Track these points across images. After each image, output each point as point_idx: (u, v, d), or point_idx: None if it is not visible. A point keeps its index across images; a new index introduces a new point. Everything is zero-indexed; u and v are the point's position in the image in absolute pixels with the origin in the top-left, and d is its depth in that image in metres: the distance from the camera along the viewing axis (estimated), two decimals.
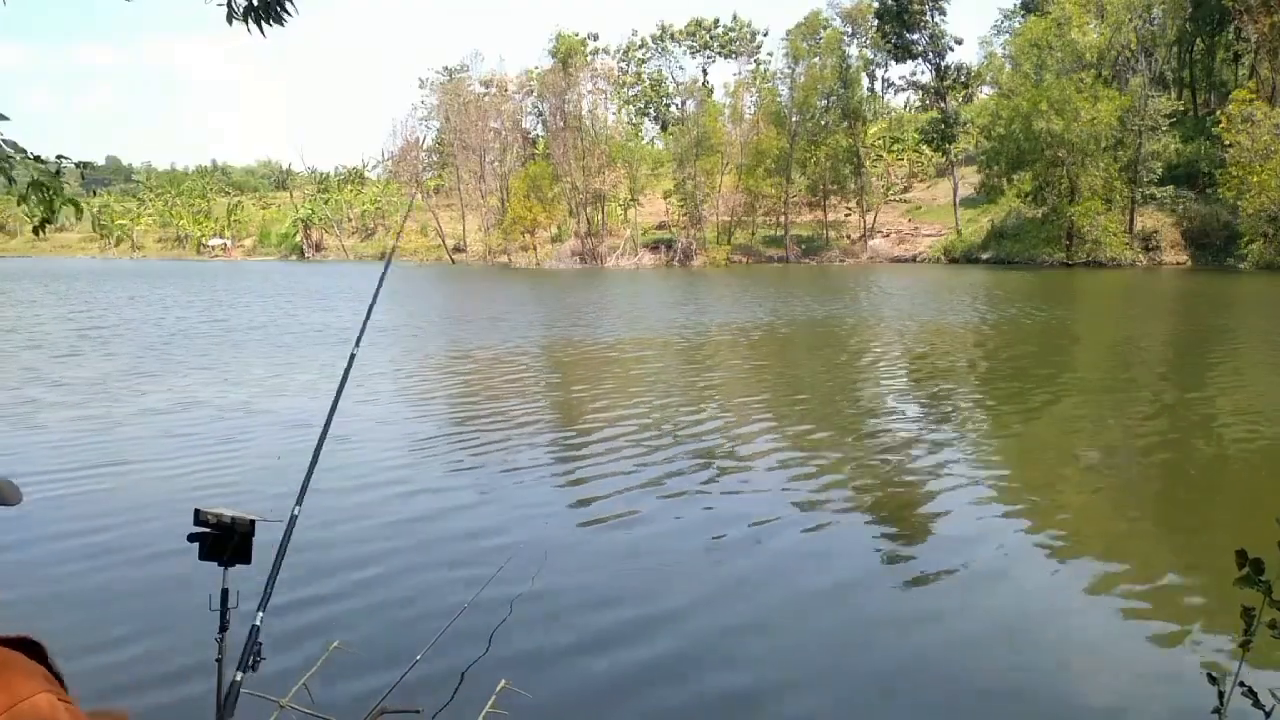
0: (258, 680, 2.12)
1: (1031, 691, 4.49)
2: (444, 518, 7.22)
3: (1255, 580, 1.36)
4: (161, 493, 7.82)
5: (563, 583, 5.76)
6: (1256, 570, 1.38)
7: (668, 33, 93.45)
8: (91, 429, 10.47)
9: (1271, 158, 43.07)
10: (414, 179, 78.80)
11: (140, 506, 7.40)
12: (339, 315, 26.23)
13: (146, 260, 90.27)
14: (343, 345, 18.23)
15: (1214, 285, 35.54)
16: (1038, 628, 5.21)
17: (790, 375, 15.51)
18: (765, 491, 7.89)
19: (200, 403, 12.13)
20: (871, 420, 11.44)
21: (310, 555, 6.24)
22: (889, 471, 8.67)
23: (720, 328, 22.46)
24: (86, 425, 10.66)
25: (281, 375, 14.66)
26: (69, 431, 10.30)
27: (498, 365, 16.31)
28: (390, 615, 5.34)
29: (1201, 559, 6.27)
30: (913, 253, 61.60)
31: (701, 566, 6.15)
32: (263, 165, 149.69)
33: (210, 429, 10.45)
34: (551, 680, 4.51)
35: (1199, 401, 12.19)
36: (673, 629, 5.17)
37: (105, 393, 12.89)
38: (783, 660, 4.83)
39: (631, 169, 69.49)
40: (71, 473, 8.43)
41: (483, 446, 9.80)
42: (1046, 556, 6.33)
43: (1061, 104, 49.70)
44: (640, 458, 9.05)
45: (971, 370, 15.62)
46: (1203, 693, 1.75)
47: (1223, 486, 8.32)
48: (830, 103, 63.60)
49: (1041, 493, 8.01)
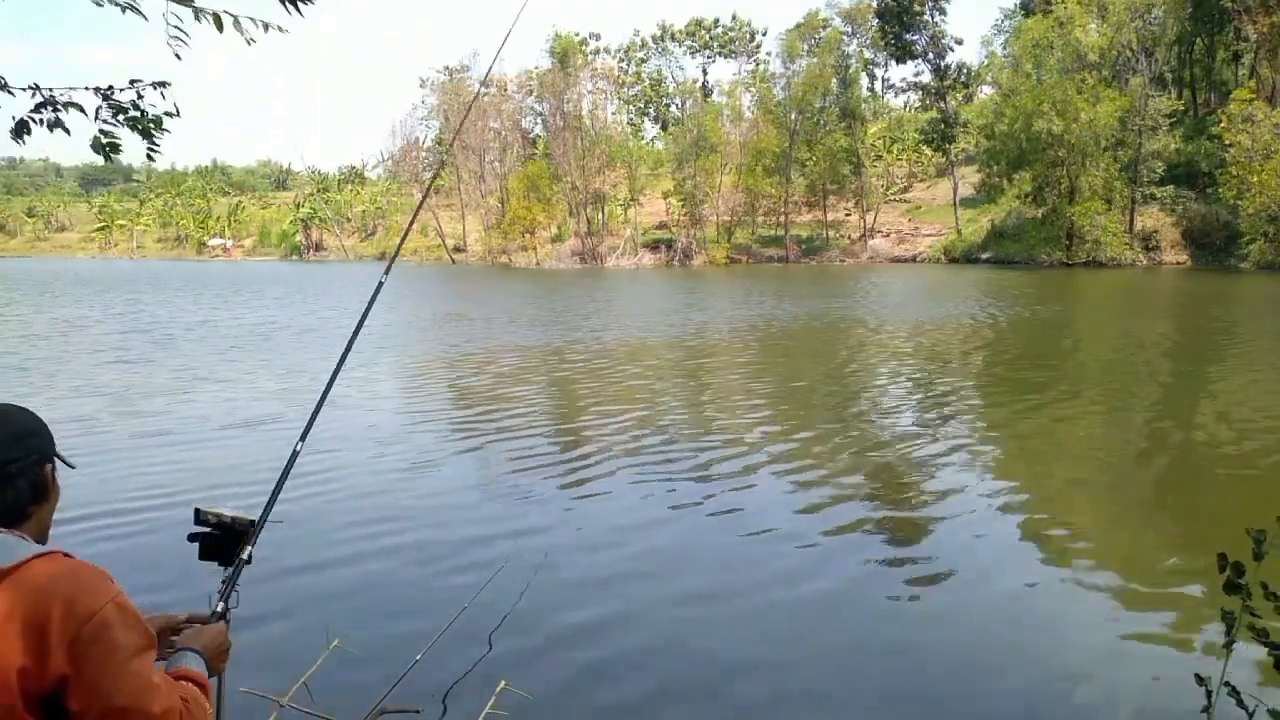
0: (258, 680, 2.13)
1: (1024, 692, 4.51)
2: (444, 518, 7.24)
3: (1235, 585, 1.38)
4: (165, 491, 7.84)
5: (563, 583, 5.78)
6: (1236, 573, 1.40)
7: (668, 33, 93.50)
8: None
9: (1271, 158, 43.04)
10: (414, 178, 78.83)
11: (142, 505, 7.42)
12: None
13: (147, 261, 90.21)
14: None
15: (1214, 285, 35.54)
16: (1031, 628, 5.23)
17: (791, 375, 15.52)
18: (766, 492, 7.91)
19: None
20: (871, 421, 11.45)
21: (310, 555, 6.27)
22: (888, 472, 8.69)
23: (720, 327, 22.48)
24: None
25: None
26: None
27: (498, 365, 16.33)
28: (390, 615, 5.36)
29: (1198, 560, 6.28)
30: (913, 253, 61.58)
31: (702, 568, 6.17)
32: (263, 165, 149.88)
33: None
34: (551, 680, 4.54)
35: (1199, 401, 12.21)
36: (673, 630, 5.19)
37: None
38: (783, 660, 4.85)
39: (631, 169, 69.49)
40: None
41: (483, 447, 9.82)
42: (1041, 557, 6.35)
43: (1063, 104, 49.68)
44: (640, 458, 9.07)
45: (972, 370, 15.63)
46: (1194, 693, 1.78)
47: (1223, 487, 8.33)
48: (828, 102, 63.57)
49: (1039, 493, 8.03)
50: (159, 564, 6.01)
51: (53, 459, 1.70)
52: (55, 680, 1.43)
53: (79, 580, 1.51)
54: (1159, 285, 37.29)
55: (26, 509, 1.61)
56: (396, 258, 3.23)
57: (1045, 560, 6.30)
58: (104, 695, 1.44)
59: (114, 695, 1.44)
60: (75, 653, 1.43)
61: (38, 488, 1.64)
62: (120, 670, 1.46)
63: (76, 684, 1.44)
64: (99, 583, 1.52)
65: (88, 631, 1.44)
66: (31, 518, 1.63)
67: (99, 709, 1.44)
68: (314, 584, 5.65)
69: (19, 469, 1.59)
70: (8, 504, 1.58)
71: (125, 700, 1.45)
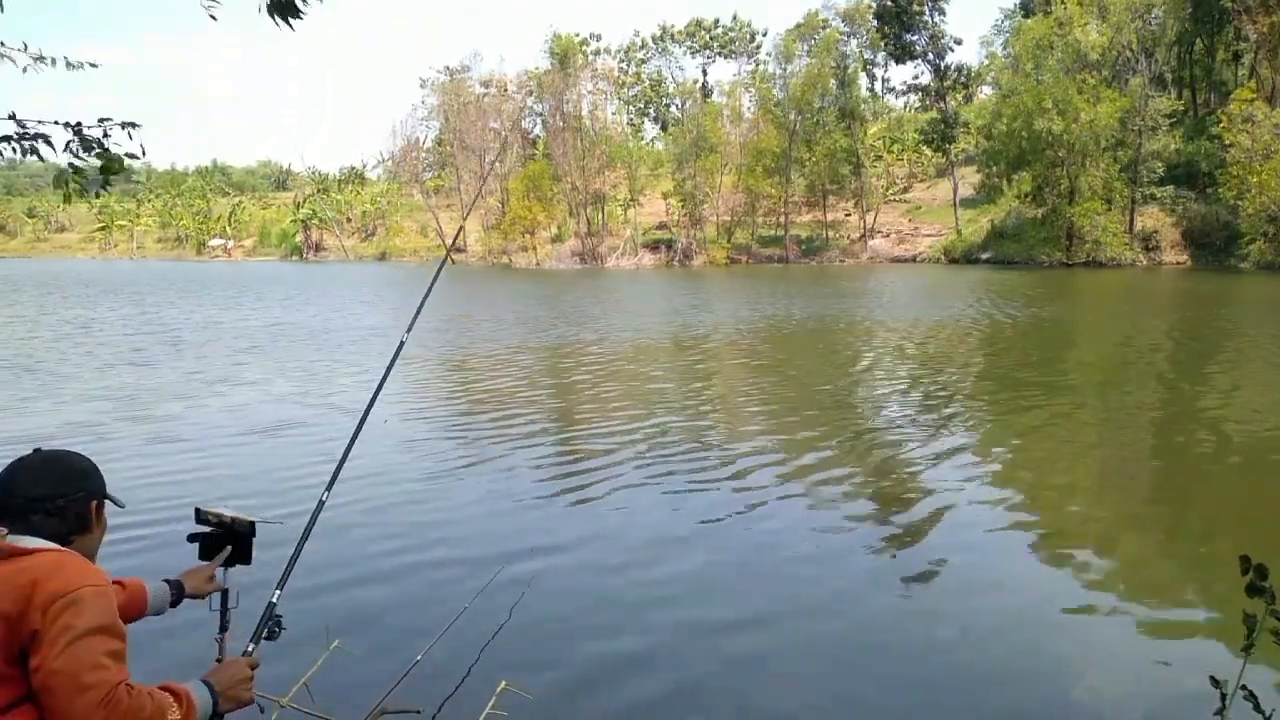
0: (258, 681, 2.12)
1: (1033, 694, 4.48)
2: (444, 518, 7.22)
3: (1259, 588, 1.35)
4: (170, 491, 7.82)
5: (563, 584, 5.76)
6: (1260, 576, 1.37)
7: (668, 33, 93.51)
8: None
9: (1271, 158, 43.04)
10: (414, 179, 78.79)
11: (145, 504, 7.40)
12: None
13: (147, 261, 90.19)
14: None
15: (1214, 285, 35.53)
16: (1039, 629, 5.21)
17: (791, 374, 15.50)
18: (767, 492, 7.89)
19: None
20: (871, 421, 11.43)
21: (311, 555, 6.24)
22: (889, 473, 8.67)
23: (721, 327, 22.46)
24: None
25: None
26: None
27: (499, 365, 16.31)
28: (390, 615, 5.34)
29: (1205, 560, 6.27)
30: (913, 253, 61.57)
31: (703, 568, 6.15)
32: (263, 165, 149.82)
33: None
34: (551, 681, 4.51)
35: (1201, 401, 12.19)
36: (673, 630, 5.17)
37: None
38: (783, 661, 4.82)
39: (631, 169, 69.48)
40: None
41: (483, 447, 9.80)
42: (1047, 558, 6.33)
43: (1063, 104, 49.67)
44: (641, 458, 9.05)
45: (972, 370, 15.61)
46: (1207, 695, 1.75)
47: (1227, 487, 8.31)
48: (827, 103, 63.55)
49: (1043, 493, 8.01)
50: (158, 563, 5.98)
51: (100, 498, 2.04)
52: (29, 636, 1.72)
53: (71, 565, 1.83)
54: (1159, 285, 37.28)
55: (69, 537, 1.93)
56: (418, 316, 3.25)
57: (1050, 561, 6.27)
58: (51, 657, 1.70)
59: (57, 658, 1.70)
60: (47, 616, 1.72)
61: (81, 521, 1.97)
62: (71, 641, 1.71)
63: (37, 642, 1.72)
64: (86, 571, 1.84)
65: (61, 602, 1.73)
66: (73, 544, 1.93)
67: (44, 669, 1.70)
68: (314, 584, 5.62)
69: (66, 504, 1.94)
70: (51, 531, 1.90)
71: (62, 665, 1.69)
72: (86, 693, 1.68)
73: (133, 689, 1.74)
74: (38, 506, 1.90)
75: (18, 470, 1.95)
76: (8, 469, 1.96)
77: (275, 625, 2.31)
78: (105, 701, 1.69)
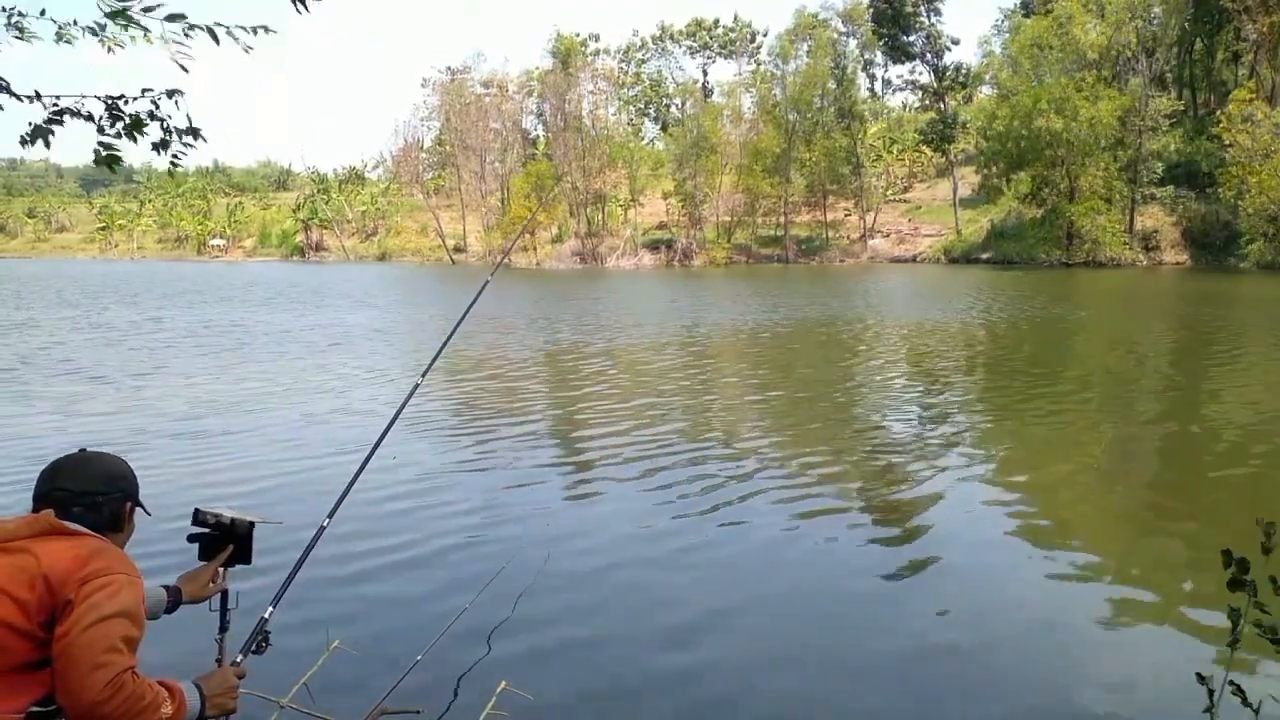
0: (258, 681, 2.14)
1: (1033, 694, 4.50)
2: (444, 518, 7.22)
3: (1240, 582, 1.37)
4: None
5: (563, 584, 5.77)
6: (1241, 570, 1.39)
7: (668, 33, 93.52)
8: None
9: (1271, 158, 43.06)
10: (415, 179, 78.75)
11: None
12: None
13: (148, 261, 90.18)
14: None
15: (1214, 285, 35.53)
16: (1030, 626, 5.22)
17: (792, 374, 15.51)
18: (767, 492, 7.90)
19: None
20: (871, 421, 11.45)
21: (311, 555, 6.25)
22: (889, 473, 8.68)
23: (721, 327, 22.47)
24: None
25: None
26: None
27: (498, 366, 16.31)
28: (390, 615, 5.35)
29: (1199, 558, 6.28)
30: (912, 253, 61.59)
31: (703, 568, 6.16)
32: (263, 165, 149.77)
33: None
34: (551, 681, 4.52)
35: (1199, 401, 12.20)
36: (673, 630, 5.18)
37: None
38: (784, 661, 4.83)
39: (631, 169, 69.51)
40: None
41: (483, 447, 9.81)
42: (1040, 555, 6.33)
43: (1062, 103, 49.68)
44: (641, 458, 9.05)
45: (971, 370, 15.63)
46: (1196, 692, 1.77)
47: (1227, 487, 8.31)
48: (826, 103, 63.56)
49: (1038, 492, 8.02)
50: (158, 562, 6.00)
51: (135, 501, 2.18)
52: (62, 604, 1.84)
53: (113, 552, 1.99)
54: (1159, 285, 37.28)
55: (103, 533, 2.04)
56: (499, 267, 3.26)
57: (1043, 558, 6.28)
58: (76, 630, 1.80)
59: (82, 633, 1.80)
60: (81, 591, 1.84)
61: (115, 519, 2.10)
62: (96, 620, 1.82)
63: (68, 612, 1.83)
64: (125, 561, 1.99)
65: (98, 581, 1.86)
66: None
67: (67, 638, 1.80)
68: (314, 585, 5.63)
69: (104, 501, 2.08)
70: (88, 524, 2.01)
71: (84, 639, 1.80)
72: (97, 670, 1.78)
73: (137, 677, 1.84)
74: (79, 500, 2.03)
75: (64, 465, 2.08)
76: (54, 463, 2.09)
77: (264, 640, 2.33)
78: (112, 682, 1.79)
